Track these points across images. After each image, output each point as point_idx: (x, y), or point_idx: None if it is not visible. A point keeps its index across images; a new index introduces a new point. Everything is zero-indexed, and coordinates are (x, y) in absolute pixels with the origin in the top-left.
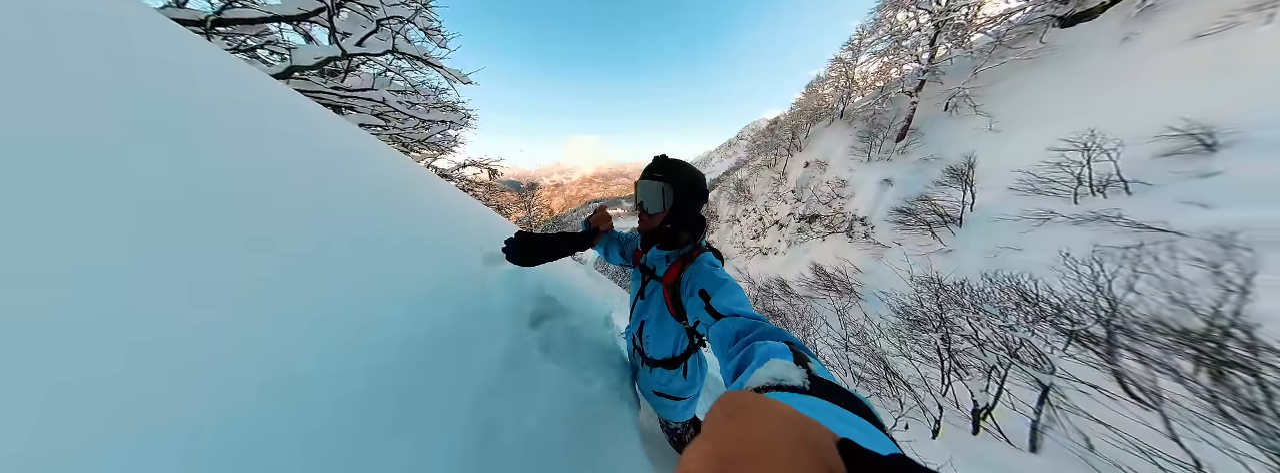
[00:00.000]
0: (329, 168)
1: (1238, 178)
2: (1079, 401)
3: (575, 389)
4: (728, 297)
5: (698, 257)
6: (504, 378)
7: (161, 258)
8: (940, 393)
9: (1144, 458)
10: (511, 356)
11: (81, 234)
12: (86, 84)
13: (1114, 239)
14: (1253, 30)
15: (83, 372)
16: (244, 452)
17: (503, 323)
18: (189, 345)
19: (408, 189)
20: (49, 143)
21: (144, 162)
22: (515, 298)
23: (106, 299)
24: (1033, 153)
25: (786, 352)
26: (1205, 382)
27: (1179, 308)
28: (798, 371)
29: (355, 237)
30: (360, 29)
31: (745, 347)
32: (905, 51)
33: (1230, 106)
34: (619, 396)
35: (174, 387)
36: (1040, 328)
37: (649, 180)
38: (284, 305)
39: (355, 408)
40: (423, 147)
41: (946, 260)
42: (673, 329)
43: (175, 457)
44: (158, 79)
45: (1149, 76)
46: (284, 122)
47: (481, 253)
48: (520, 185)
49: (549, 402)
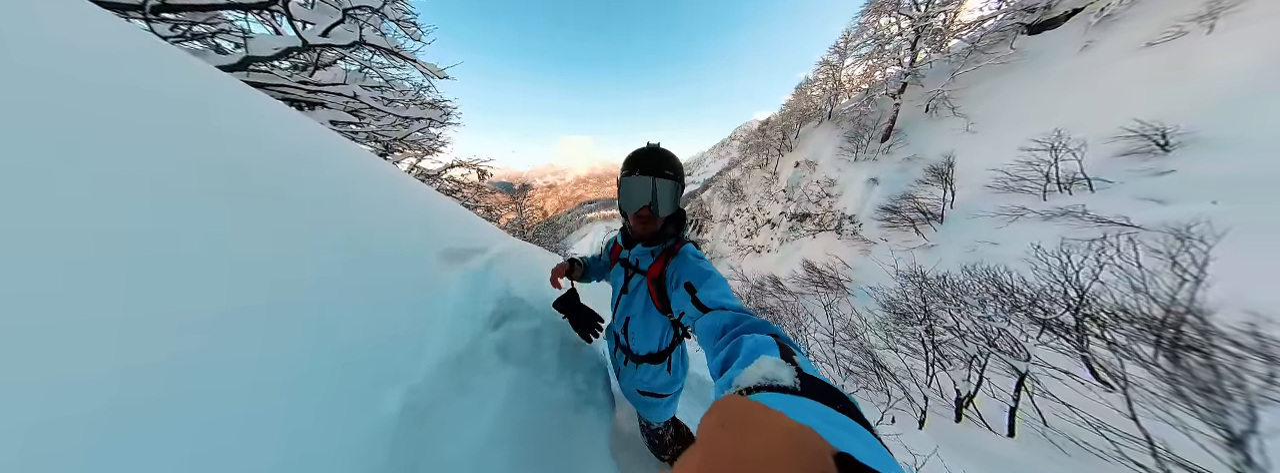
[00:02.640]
0: (259, 163)
1: (1189, 175)
2: (1052, 386)
3: (536, 394)
4: (714, 289)
5: (681, 250)
6: (446, 386)
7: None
8: (925, 384)
9: (1105, 438)
10: (458, 360)
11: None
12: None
13: (1080, 233)
14: (1197, 39)
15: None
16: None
17: (453, 325)
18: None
19: (355, 185)
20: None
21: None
22: (473, 299)
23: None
24: (1006, 152)
25: (773, 346)
26: (1165, 365)
27: (1140, 296)
28: (787, 368)
29: (271, 230)
30: (326, 19)
31: (732, 340)
32: (888, 55)
33: (1180, 109)
34: (585, 400)
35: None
36: (1016, 318)
37: (661, 178)
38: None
39: (238, 428)
40: (403, 145)
41: (929, 255)
42: (659, 324)
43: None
44: (76, 67)
45: (1107, 81)
46: (224, 116)
47: (438, 250)
48: (512, 186)
49: (500, 410)
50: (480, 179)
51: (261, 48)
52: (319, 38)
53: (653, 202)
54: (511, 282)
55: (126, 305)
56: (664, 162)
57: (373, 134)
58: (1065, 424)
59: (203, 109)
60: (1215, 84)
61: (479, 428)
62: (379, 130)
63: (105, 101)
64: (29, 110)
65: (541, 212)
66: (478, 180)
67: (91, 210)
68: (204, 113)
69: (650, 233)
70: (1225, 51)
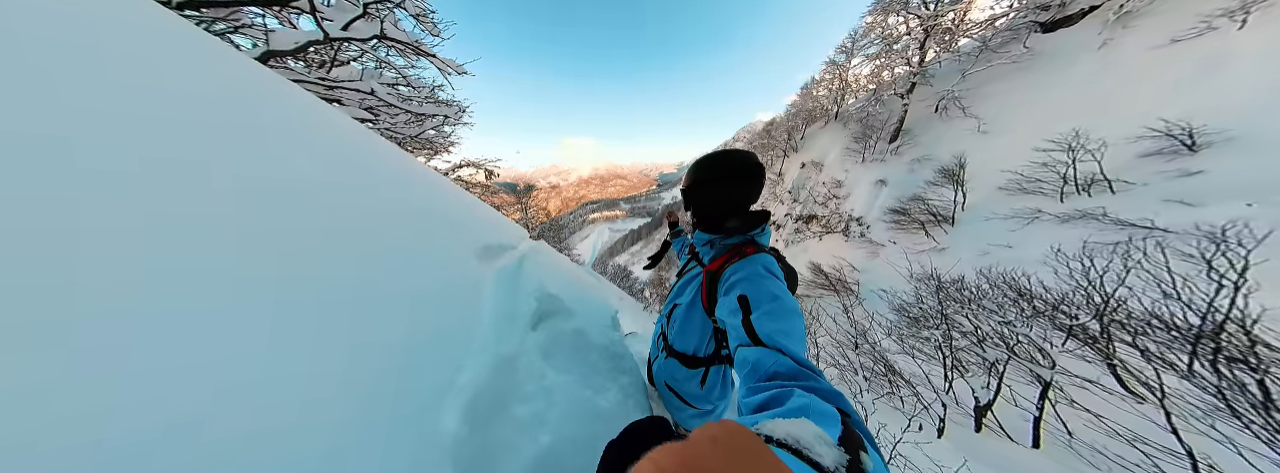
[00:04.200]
0: (305, 153)
1: (1220, 176)
2: (1077, 395)
3: (587, 402)
4: (777, 320)
5: (752, 255)
6: (503, 393)
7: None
8: (943, 391)
9: (1140, 451)
10: (508, 364)
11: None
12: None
13: (1101, 236)
14: (1227, 35)
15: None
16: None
17: (496, 327)
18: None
19: (397, 181)
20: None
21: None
22: (511, 297)
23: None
24: (1020, 153)
25: (835, 420)
26: (1207, 376)
27: (1172, 303)
28: (832, 451)
29: (326, 228)
30: (345, 16)
31: (781, 389)
32: (896, 54)
33: (1210, 108)
34: (634, 405)
35: (128, 389)
36: (1038, 324)
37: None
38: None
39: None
40: (416, 144)
41: (940, 259)
42: (699, 323)
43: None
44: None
45: (1128, 79)
46: (273, 110)
47: (474, 248)
48: (516, 187)
49: (559, 418)
50: (487, 179)
51: (282, 42)
52: (340, 31)
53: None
54: (544, 280)
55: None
56: (709, 164)
57: (387, 131)
58: (1094, 435)
59: (248, 105)
60: (1248, 81)
61: (539, 442)
62: (392, 128)
63: (141, 93)
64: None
65: (545, 212)
66: (484, 180)
67: (130, 210)
68: (249, 109)
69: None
70: (1260, 46)
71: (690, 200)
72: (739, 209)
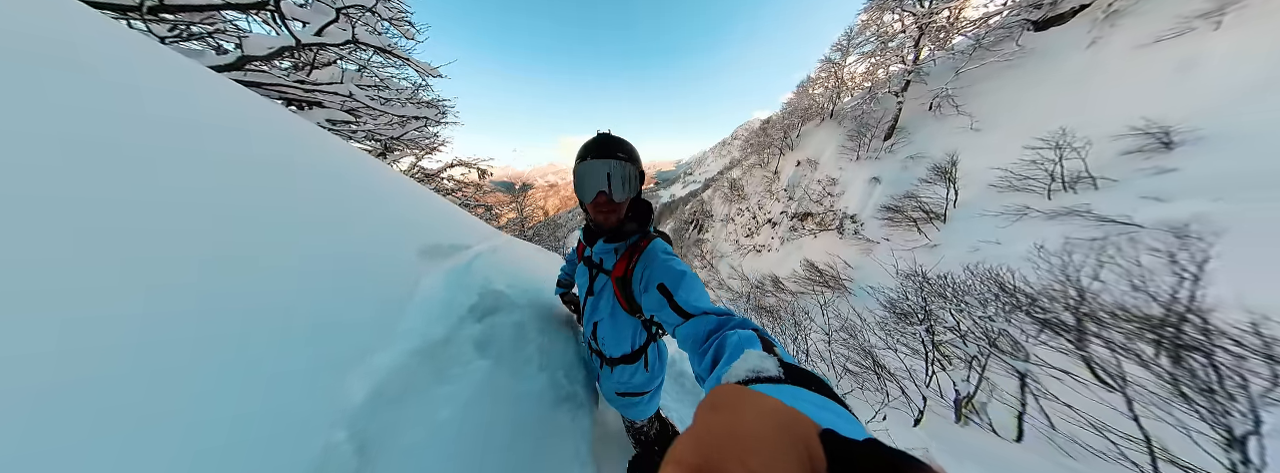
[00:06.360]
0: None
1: (1191, 173)
2: (1052, 386)
3: (512, 387)
4: (691, 291)
5: (648, 246)
6: (421, 375)
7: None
8: (925, 384)
9: (1106, 439)
10: (432, 351)
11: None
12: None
13: (1083, 232)
14: (1204, 36)
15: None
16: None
17: (428, 317)
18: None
19: (331, 184)
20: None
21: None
22: (450, 293)
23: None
24: (1011, 151)
25: (755, 340)
26: (1165, 365)
27: (1140, 295)
28: (771, 360)
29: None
30: (322, 18)
31: (719, 341)
32: (891, 53)
33: (1187, 107)
34: (565, 394)
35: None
36: (1017, 318)
37: (613, 160)
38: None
39: (187, 406)
40: (402, 144)
41: (932, 255)
42: (629, 325)
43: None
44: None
45: (1114, 78)
46: (212, 115)
47: (417, 247)
48: (513, 186)
49: (469, 399)
50: (480, 178)
51: (257, 47)
52: (312, 37)
53: (608, 185)
54: (492, 277)
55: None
56: (616, 145)
57: (371, 133)
58: (1072, 428)
59: (192, 109)
60: (1221, 81)
61: (446, 416)
62: (376, 129)
63: (93, 99)
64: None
65: (542, 211)
66: (477, 180)
67: (74, 210)
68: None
69: (613, 224)
70: (1232, 48)
71: (625, 188)
72: (636, 212)
